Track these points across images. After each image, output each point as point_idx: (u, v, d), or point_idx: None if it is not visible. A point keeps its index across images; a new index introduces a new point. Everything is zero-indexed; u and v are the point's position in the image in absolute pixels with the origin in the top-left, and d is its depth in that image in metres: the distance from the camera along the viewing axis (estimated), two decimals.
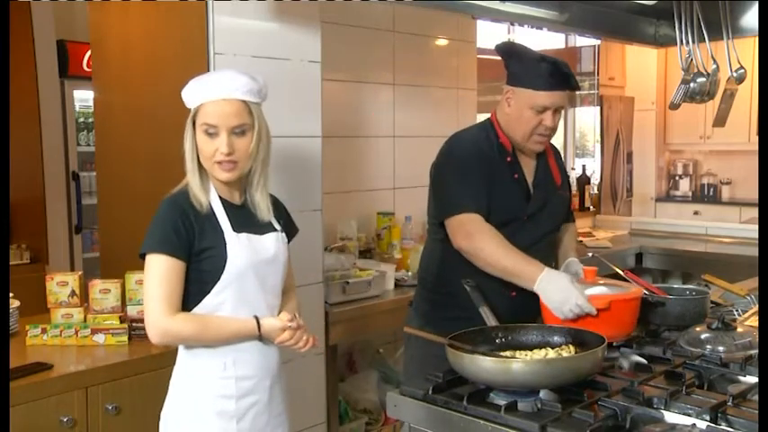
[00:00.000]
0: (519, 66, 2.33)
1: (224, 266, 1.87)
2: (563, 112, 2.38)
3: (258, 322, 1.91)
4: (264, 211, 2.00)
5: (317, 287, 3.01)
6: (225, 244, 1.87)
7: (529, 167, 2.42)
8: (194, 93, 1.90)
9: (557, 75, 2.27)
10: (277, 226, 2.03)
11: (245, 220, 1.95)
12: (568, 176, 2.67)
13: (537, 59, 2.29)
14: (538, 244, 2.36)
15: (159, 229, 1.86)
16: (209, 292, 1.88)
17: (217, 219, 1.90)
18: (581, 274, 2.31)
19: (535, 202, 2.38)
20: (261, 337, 1.92)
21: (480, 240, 2.22)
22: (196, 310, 1.88)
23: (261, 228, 1.98)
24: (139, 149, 3.04)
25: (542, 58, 2.30)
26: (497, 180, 2.33)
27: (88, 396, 2.24)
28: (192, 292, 1.88)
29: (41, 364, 2.26)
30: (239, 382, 1.92)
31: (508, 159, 2.36)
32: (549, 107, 2.28)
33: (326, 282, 3.05)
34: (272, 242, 1.98)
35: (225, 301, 1.89)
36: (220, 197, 1.95)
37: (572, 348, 1.82)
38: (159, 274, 1.83)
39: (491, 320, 2.08)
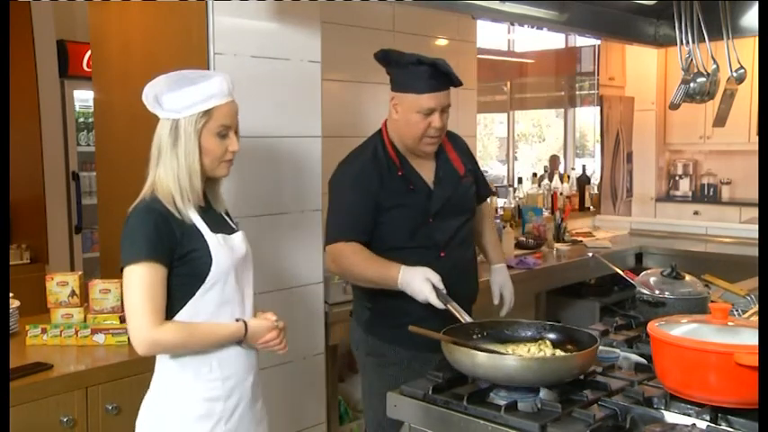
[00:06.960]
0: (399, 71, 2.35)
1: (209, 268, 1.85)
2: (449, 111, 2.39)
3: (246, 325, 1.90)
4: (222, 210, 2.02)
5: (317, 287, 3.01)
6: (207, 246, 1.86)
7: (428, 168, 2.45)
8: (196, 98, 1.88)
9: (437, 76, 2.30)
10: (233, 225, 2.03)
11: (214, 221, 1.94)
12: (472, 157, 2.66)
13: (414, 63, 2.30)
14: (454, 239, 2.43)
15: (139, 237, 1.82)
16: (194, 294, 1.86)
17: (194, 222, 1.88)
18: (505, 285, 2.60)
19: (437, 201, 2.41)
20: (244, 340, 1.91)
21: (344, 262, 2.35)
22: (180, 313, 1.86)
23: (228, 228, 1.99)
24: (139, 149, 3.02)
25: (419, 60, 2.30)
26: (391, 196, 2.36)
27: (88, 396, 2.24)
28: (177, 297, 1.85)
29: (41, 364, 2.26)
30: (225, 382, 1.91)
31: (399, 174, 2.39)
32: (435, 108, 2.31)
33: (326, 282, 3.05)
34: (241, 240, 1.98)
35: (209, 302, 1.87)
36: None
37: (548, 343, 1.84)
38: (144, 284, 1.79)
39: (465, 316, 2.07)
